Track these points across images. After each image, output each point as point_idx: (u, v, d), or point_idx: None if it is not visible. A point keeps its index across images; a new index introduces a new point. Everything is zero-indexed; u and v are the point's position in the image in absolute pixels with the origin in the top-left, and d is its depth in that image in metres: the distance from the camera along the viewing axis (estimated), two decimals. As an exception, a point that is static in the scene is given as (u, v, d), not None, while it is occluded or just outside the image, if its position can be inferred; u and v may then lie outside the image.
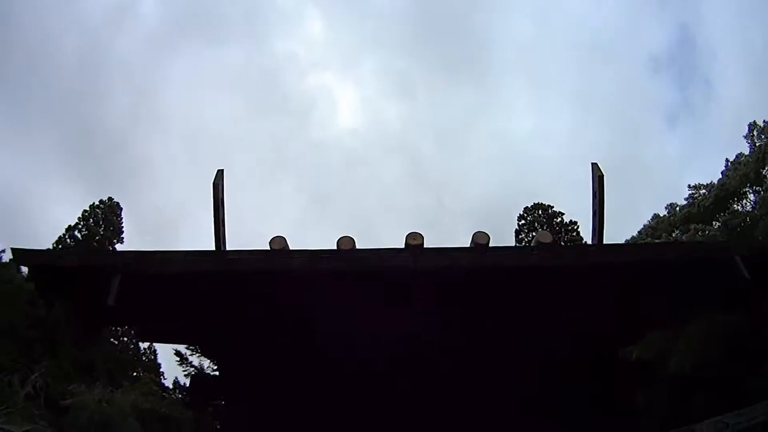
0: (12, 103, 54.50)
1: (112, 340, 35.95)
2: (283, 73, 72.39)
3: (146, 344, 36.94)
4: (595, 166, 8.18)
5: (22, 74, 54.05)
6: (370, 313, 6.79)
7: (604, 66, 68.49)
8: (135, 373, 34.10)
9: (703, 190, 26.43)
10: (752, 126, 27.02)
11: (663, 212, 27.74)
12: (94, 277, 6.63)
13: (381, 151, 71.64)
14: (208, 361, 23.42)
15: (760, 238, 18.32)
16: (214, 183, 7.71)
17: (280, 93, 68.58)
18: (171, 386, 32.14)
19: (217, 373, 10.54)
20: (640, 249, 7.32)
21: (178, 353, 28.74)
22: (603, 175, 8.05)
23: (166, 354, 33.59)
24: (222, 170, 7.82)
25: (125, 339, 37.16)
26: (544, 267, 6.39)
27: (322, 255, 5.99)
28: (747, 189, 24.94)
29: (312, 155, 66.96)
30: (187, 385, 29.16)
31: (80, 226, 35.44)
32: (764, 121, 26.55)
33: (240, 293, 6.63)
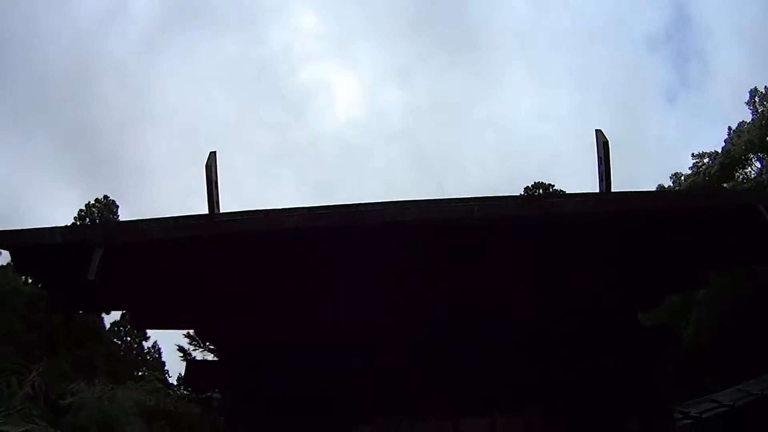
0: (3, 99, 54.12)
1: (115, 340, 35.78)
2: (279, 63, 71.81)
3: (150, 343, 36.88)
4: (599, 132, 7.99)
5: (14, 71, 53.56)
6: (374, 274, 6.32)
7: (601, 45, 67.82)
8: (140, 373, 33.93)
9: (707, 159, 26.00)
10: (753, 92, 26.56)
11: (668, 183, 27.30)
12: (78, 254, 6.16)
13: (380, 138, 71.08)
14: (211, 355, 23.20)
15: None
16: (206, 165, 7.33)
17: (277, 83, 67.90)
18: (176, 383, 31.87)
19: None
20: (655, 197, 6.70)
21: (181, 348, 28.51)
22: (608, 141, 7.81)
23: (170, 351, 33.45)
24: (214, 152, 7.47)
25: (128, 339, 37.00)
26: (549, 216, 5.91)
27: (321, 211, 5.52)
28: (752, 155, 24.57)
29: (310, 144, 66.44)
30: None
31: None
32: (765, 86, 26.15)
33: (234, 260, 6.15)
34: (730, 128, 26.64)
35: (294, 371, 7.46)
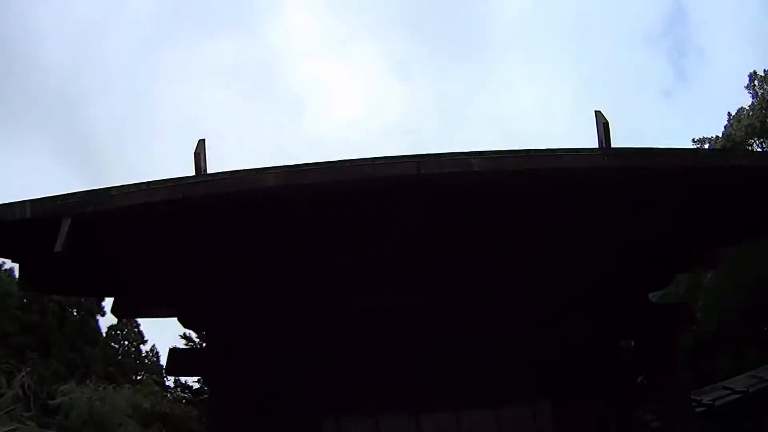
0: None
1: (112, 344, 35.63)
2: (278, 62, 71.86)
3: (148, 347, 36.69)
4: (598, 113, 7.62)
5: (9, 72, 53.37)
6: (365, 239, 5.86)
7: (599, 35, 67.75)
8: (138, 376, 33.72)
9: (707, 144, 25.63)
10: (753, 76, 26.20)
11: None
12: (51, 228, 5.69)
13: (379, 135, 70.92)
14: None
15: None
16: (195, 152, 6.92)
17: (276, 83, 67.80)
18: (173, 386, 31.57)
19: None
20: (665, 154, 6.04)
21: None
22: (608, 122, 7.41)
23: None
24: (203, 140, 7.07)
25: (126, 343, 36.87)
26: (553, 171, 5.43)
27: (304, 168, 5.04)
28: (752, 140, 24.15)
29: (310, 142, 66.30)
30: (190, 383, 28.89)
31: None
32: (765, 70, 25.83)
33: (211, 228, 5.69)
34: (729, 113, 26.33)
35: (284, 357, 7.05)
